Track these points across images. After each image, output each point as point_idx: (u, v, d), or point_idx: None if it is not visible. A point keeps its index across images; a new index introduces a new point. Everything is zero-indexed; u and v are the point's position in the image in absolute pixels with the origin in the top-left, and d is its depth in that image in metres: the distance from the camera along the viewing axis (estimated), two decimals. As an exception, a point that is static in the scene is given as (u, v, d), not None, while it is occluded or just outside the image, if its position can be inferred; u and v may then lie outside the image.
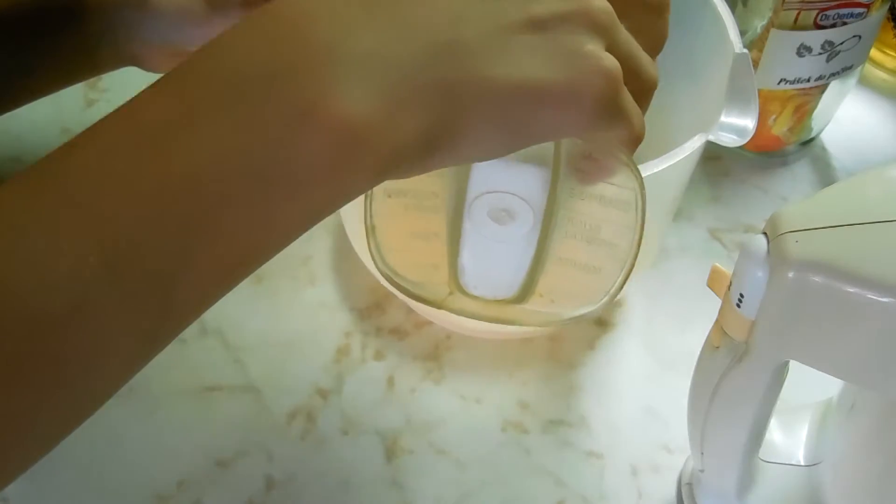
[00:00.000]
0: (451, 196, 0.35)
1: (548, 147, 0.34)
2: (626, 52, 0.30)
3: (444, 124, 0.28)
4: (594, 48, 0.29)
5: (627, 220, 0.34)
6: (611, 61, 0.29)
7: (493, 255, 0.36)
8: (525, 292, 0.36)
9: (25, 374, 0.24)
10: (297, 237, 0.28)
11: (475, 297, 0.36)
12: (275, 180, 0.26)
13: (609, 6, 0.30)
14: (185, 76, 0.26)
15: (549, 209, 0.34)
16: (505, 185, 0.34)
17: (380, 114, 0.26)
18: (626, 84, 0.30)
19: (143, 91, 0.26)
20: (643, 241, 0.34)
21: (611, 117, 0.30)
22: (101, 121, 0.26)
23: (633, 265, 0.34)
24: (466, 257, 0.35)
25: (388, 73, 0.26)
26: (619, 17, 0.30)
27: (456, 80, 0.27)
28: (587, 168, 0.33)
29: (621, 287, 0.35)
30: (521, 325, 0.36)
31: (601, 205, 0.34)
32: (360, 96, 0.26)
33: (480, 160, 0.30)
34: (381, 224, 0.35)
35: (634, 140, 0.31)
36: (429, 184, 0.33)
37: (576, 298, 0.36)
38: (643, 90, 0.32)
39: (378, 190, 0.34)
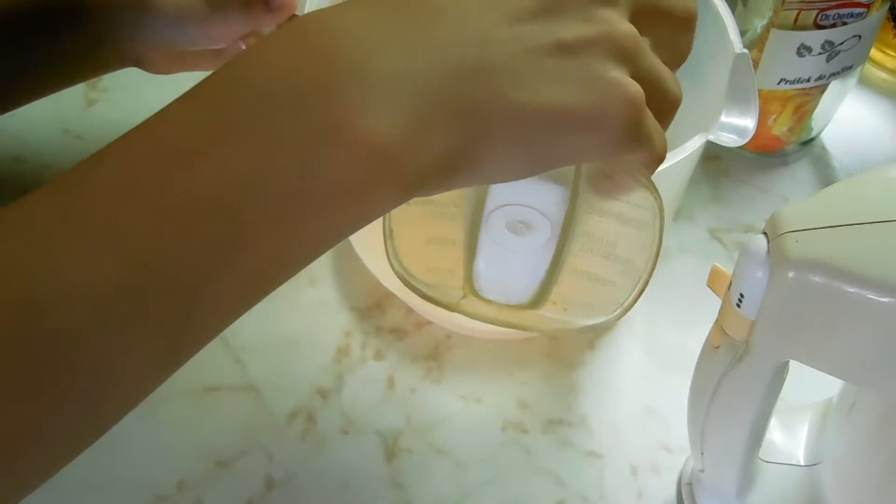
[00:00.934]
0: (470, 206, 0.35)
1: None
2: (651, 75, 0.30)
3: (469, 145, 0.28)
4: (619, 74, 0.29)
5: (644, 239, 0.34)
6: (635, 88, 0.29)
7: (509, 264, 0.36)
8: (538, 299, 0.36)
9: (44, 385, 0.24)
10: (320, 254, 0.28)
11: (488, 302, 0.36)
12: (300, 199, 0.26)
13: (634, 31, 0.30)
14: (213, 93, 0.27)
15: (566, 223, 0.34)
16: (524, 198, 0.34)
17: (406, 134, 0.26)
18: (649, 104, 0.30)
19: (171, 105, 0.26)
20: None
21: (633, 143, 0.30)
22: (129, 133, 0.26)
23: (647, 282, 0.35)
24: (482, 263, 0.36)
25: (415, 93, 0.27)
26: (647, 29, 0.30)
27: (481, 101, 0.27)
28: (606, 186, 0.34)
29: (635, 301, 0.35)
30: (532, 330, 0.37)
31: (619, 222, 0.35)
32: (386, 116, 0.26)
33: (503, 181, 0.30)
34: (398, 229, 0.35)
35: (656, 161, 0.32)
36: (449, 194, 0.33)
37: (588, 308, 0.36)
38: (666, 109, 0.32)
39: None
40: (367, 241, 0.50)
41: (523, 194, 0.34)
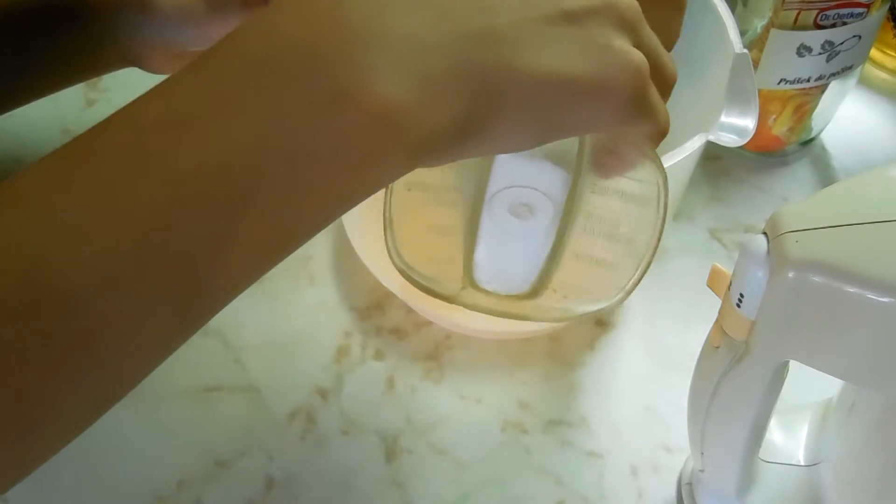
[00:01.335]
0: (471, 190, 0.35)
1: (571, 142, 0.34)
2: (651, 48, 0.31)
3: (476, 112, 0.28)
4: (623, 43, 0.29)
5: (647, 216, 0.34)
6: (639, 57, 0.29)
7: (509, 250, 0.36)
8: (538, 287, 0.36)
9: (55, 351, 0.24)
10: (328, 223, 0.28)
11: (488, 293, 0.36)
12: (308, 163, 0.26)
13: (636, 3, 0.30)
14: (220, 60, 0.27)
15: (569, 204, 0.34)
16: (527, 180, 0.34)
17: (412, 99, 0.26)
18: (651, 77, 0.30)
19: (177, 73, 0.27)
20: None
21: (639, 112, 0.30)
22: (136, 101, 0.26)
23: (650, 262, 0.34)
24: (482, 251, 0.35)
25: (421, 58, 0.27)
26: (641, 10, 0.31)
27: (488, 67, 0.28)
28: (610, 162, 0.34)
29: (637, 283, 0.35)
30: (532, 320, 0.36)
31: (621, 200, 0.35)
32: (393, 81, 0.26)
33: (510, 150, 0.31)
34: (399, 218, 0.35)
35: (660, 134, 0.32)
36: (450, 177, 0.33)
37: (589, 294, 0.36)
38: (665, 85, 0.32)
39: (398, 183, 0.34)
40: (367, 241, 0.50)
41: (526, 175, 0.34)
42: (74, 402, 0.26)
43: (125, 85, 0.63)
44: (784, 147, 0.62)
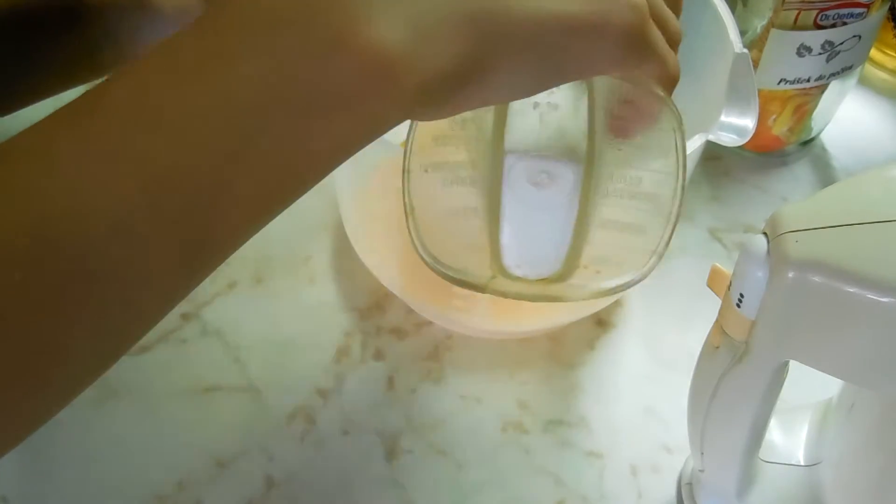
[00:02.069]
0: (488, 164, 0.34)
1: (584, 100, 0.33)
2: (653, 4, 0.31)
3: (474, 56, 0.28)
4: None
5: (668, 167, 0.33)
6: None
7: (535, 228, 0.35)
8: (569, 267, 0.35)
9: (64, 301, 0.24)
10: (329, 169, 0.29)
11: (518, 279, 0.35)
12: (307, 108, 0.26)
13: None
14: (219, 14, 0.27)
15: (588, 168, 0.34)
16: (543, 145, 0.34)
17: (409, 43, 0.27)
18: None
19: (176, 33, 0.27)
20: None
21: (641, 51, 0.30)
22: (135, 61, 0.27)
23: (678, 215, 0.34)
24: (507, 234, 0.35)
25: (417, 2, 0.27)
26: None
27: (485, 9, 0.28)
28: (625, 114, 0.33)
29: (668, 242, 0.34)
30: (567, 300, 0.35)
31: (640, 151, 0.34)
32: (389, 25, 0.26)
33: (514, 97, 0.30)
34: (419, 204, 0.34)
35: (670, 79, 0.32)
36: (465, 152, 0.33)
37: (621, 266, 0.35)
38: (670, 41, 0.32)
39: (415, 165, 0.34)
40: (366, 241, 0.50)
41: (542, 141, 0.34)
42: (85, 350, 0.26)
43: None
44: (784, 147, 0.63)
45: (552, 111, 0.34)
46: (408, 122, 0.33)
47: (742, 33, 0.46)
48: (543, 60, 0.29)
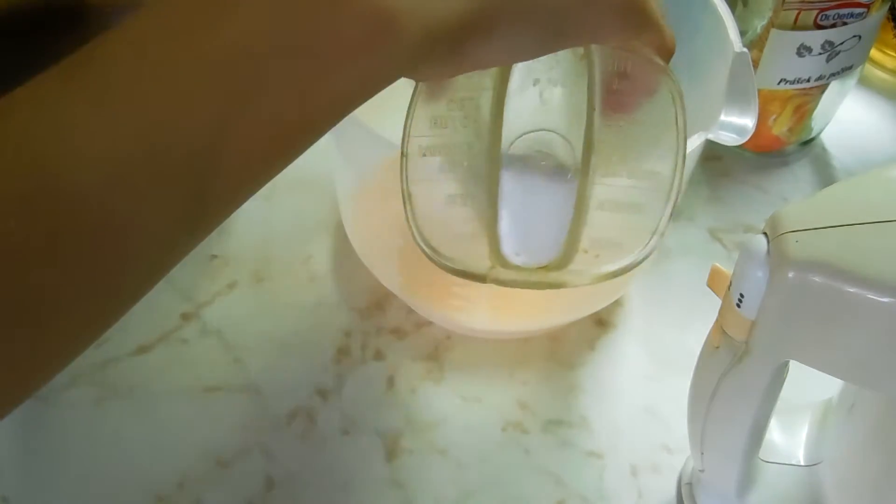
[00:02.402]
0: (487, 147, 0.34)
1: (582, 77, 0.33)
2: None
3: (477, 12, 0.28)
4: None
5: (668, 142, 0.33)
6: None
7: (534, 214, 0.35)
8: (568, 252, 0.35)
9: (61, 250, 0.24)
10: (329, 124, 0.29)
11: (519, 268, 0.35)
12: (306, 59, 0.26)
13: None
14: None
15: (587, 145, 0.34)
16: (540, 124, 0.33)
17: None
18: None
19: None
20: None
21: (642, 19, 0.31)
22: (134, 16, 0.27)
23: (679, 192, 0.34)
24: (505, 221, 0.35)
25: None
26: None
27: None
28: (623, 88, 0.33)
29: (668, 220, 0.34)
30: (569, 286, 0.35)
31: (639, 129, 0.34)
32: None
33: (513, 59, 0.31)
34: (417, 191, 0.34)
35: (666, 49, 0.32)
36: (463, 134, 0.32)
37: (621, 247, 0.35)
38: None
39: (413, 149, 0.34)
40: (367, 241, 0.50)
41: (539, 120, 0.33)
42: (83, 304, 0.26)
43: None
44: (784, 147, 0.63)
45: (552, 88, 0.34)
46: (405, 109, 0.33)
47: (742, 33, 0.46)
48: (546, 23, 0.29)
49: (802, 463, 0.42)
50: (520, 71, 0.34)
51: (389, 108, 0.55)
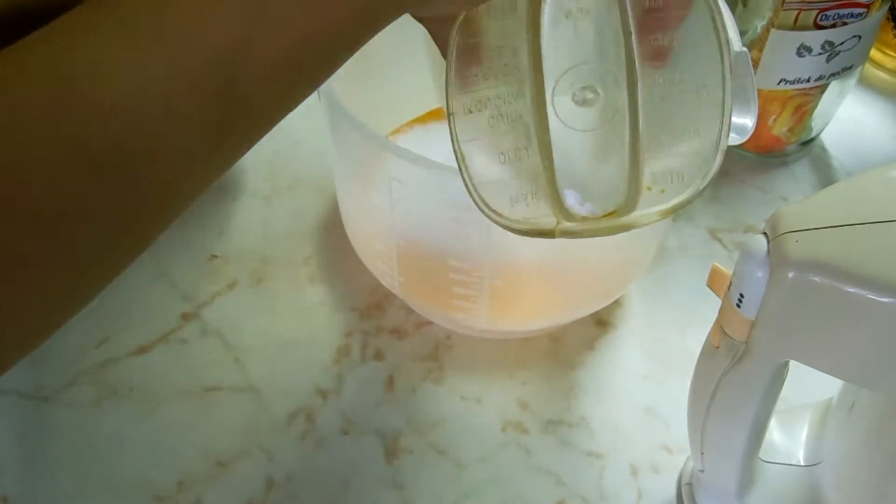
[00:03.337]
0: (531, 92, 0.33)
1: (616, 6, 0.33)
2: None
3: None
4: None
5: (709, 52, 0.32)
6: None
7: (591, 160, 0.34)
8: (633, 193, 0.33)
9: (91, 158, 0.25)
10: (349, 41, 0.29)
11: (585, 217, 0.34)
12: None
13: None
14: None
15: (630, 71, 0.33)
16: (579, 57, 0.33)
17: None
18: None
19: None
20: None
21: None
22: None
23: (731, 103, 0.33)
24: (563, 171, 0.33)
25: None
26: None
27: None
28: (658, 4, 0.33)
29: (728, 131, 0.33)
30: (639, 227, 0.34)
31: (679, 47, 0.33)
32: None
33: None
34: (469, 150, 0.33)
35: None
36: (505, 83, 0.32)
37: (683, 177, 0.33)
38: None
39: (458, 108, 0.33)
40: (367, 242, 0.50)
41: (579, 53, 0.33)
42: (113, 217, 0.26)
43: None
44: (784, 147, 0.63)
45: (584, 17, 0.33)
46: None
47: (742, 33, 0.46)
48: None
49: (802, 463, 0.42)
50: (550, 6, 0.33)
51: (389, 107, 0.56)
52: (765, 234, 0.33)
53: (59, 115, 0.24)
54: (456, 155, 0.33)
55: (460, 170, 0.34)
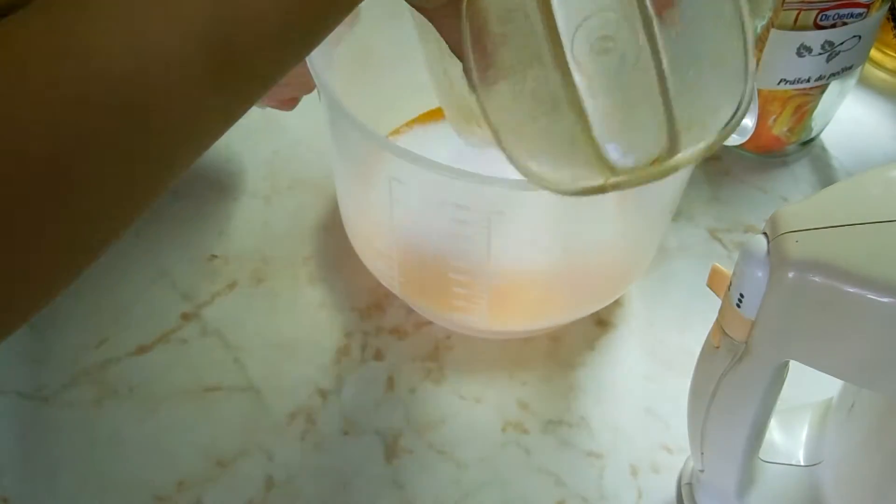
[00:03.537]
0: (549, 51, 0.32)
1: None
2: None
3: None
4: None
5: None
6: None
7: (624, 110, 0.34)
8: (674, 136, 0.33)
9: (92, 106, 0.26)
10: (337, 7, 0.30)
11: (632, 168, 0.33)
12: None
13: None
14: None
15: (642, 12, 0.32)
16: (590, 7, 0.32)
17: None
18: None
19: None
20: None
21: None
22: None
23: (751, 24, 0.32)
24: (598, 126, 0.33)
25: None
26: None
27: None
28: None
29: (753, 55, 0.32)
30: (683, 166, 0.33)
31: None
32: None
33: None
34: (500, 119, 0.33)
35: None
36: (522, 47, 0.31)
37: (718, 109, 0.33)
38: None
39: (480, 84, 0.33)
40: (367, 241, 0.50)
41: (586, 6, 0.32)
42: (115, 166, 0.27)
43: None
44: (784, 147, 0.63)
45: None
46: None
47: (742, 33, 0.46)
48: None
49: (802, 463, 0.42)
50: None
51: (389, 107, 0.55)
52: (765, 234, 0.33)
53: (60, 65, 0.25)
54: (490, 128, 0.33)
55: (500, 144, 0.33)
